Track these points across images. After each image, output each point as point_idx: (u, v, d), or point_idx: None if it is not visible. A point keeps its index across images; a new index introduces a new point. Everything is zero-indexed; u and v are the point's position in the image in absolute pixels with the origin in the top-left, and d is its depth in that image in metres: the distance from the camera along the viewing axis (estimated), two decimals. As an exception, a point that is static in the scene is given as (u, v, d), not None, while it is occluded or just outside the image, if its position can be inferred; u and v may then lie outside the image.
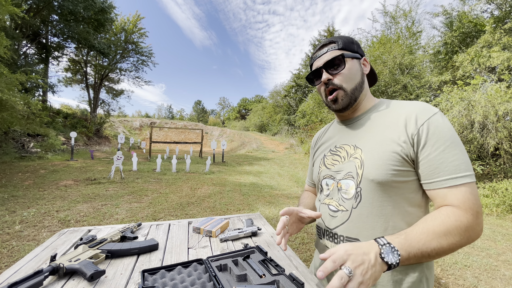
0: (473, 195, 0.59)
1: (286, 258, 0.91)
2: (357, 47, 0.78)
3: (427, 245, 0.55)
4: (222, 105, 73.48)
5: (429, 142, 0.62)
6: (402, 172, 0.65)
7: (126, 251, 0.91)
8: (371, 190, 0.68)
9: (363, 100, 0.78)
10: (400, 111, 0.70)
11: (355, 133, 0.77)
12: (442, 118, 0.64)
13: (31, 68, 11.45)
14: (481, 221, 0.59)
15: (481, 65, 7.41)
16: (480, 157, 6.26)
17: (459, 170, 0.59)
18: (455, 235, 0.56)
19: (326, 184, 0.80)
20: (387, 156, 0.66)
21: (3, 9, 6.53)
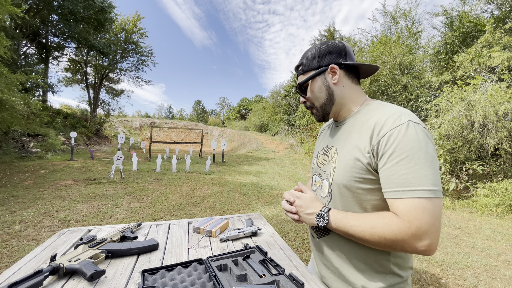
0: (417, 210, 0.58)
1: (286, 258, 0.91)
2: (321, 59, 0.79)
3: (353, 228, 0.66)
4: (222, 105, 73.50)
5: (386, 153, 0.63)
6: (367, 179, 0.68)
7: (126, 251, 0.90)
8: (340, 193, 0.74)
9: (345, 105, 0.81)
10: (374, 119, 0.70)
11: (340, 135, 0.81)
12: (406, 129, 0.62)
13: (31, 68, 11.45)
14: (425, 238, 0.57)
15: (481, 65, 7.40)
16: (480, 157, 6.26)
17: (409, 183, 0.59)
18: (380, 234, 0.62)
19: (315, 180, 0.90)
20: (352, 164, 0.70)
21: (3, 9, 6.52)
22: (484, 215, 4.74)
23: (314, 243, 0.89)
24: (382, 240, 0.62)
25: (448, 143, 6.11)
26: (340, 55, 0.79)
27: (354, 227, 0.66)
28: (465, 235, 3.72)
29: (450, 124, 6.02)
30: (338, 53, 0.79)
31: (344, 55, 0.79)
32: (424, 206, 0.58)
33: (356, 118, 0.78)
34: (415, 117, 0.66)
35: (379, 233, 0.62)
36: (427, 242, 0.58)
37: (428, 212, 0.58)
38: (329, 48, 0.79)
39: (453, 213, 4.91)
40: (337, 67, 0.78)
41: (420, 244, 0.58)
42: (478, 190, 5.45)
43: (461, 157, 6.08)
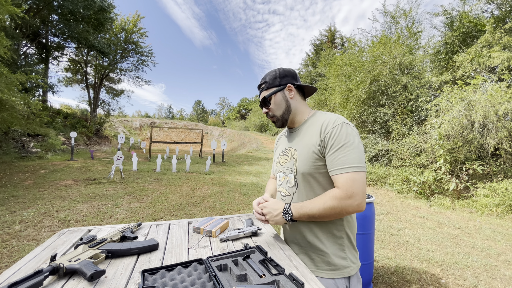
0: (351, 181, 0.85)
1: (286, 258, 0.91)
2: (281, 79, 1.04)
3: (311, 210, 0.89)
4: (222, 105, 73.50)
5: (329, 144, 0.91)
6: (320, 166, 0.94)
7: (126, 251, 0.90)
8: (303, 179, 0.98)
9: (297, 116, 1.07)
10: (319, 123, 0.97)
11: (295, 138, 1.06)
12: (341, 128, 0.90)
13: (31, 68, 11.44)
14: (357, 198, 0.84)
15: (481, 65, 7.40)
16: (480, 157, 6.26)
17: (344, 163, 0.87)
18: (329, 205, 0.86)
19: (279, 176, 1.11)
20: (309, 156, 0.95)
21: (3, 9, 6.53)
22: (484, 215, 4.73)
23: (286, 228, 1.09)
24: (332, 210, 0.86)
25: (448, 143, 6.11)
26: (293, 78, 1.06)
27: (312, 209, 0.89)
28: (465, 235, 3.72)
29: (450, 124, 6.02)
30: (292, 77, 1.06)
31: (296, 78, 1.07)
32: (354, 177, 0.85)
33: (307, 124, 1.04)
34: (346, 120, 0.95)
35: (328, 204, 0.86)
36: (358, 201, 0.85)
37: (356, 181, 0.85)
38: (285, 72, 1.06)
39: (453, 213, 4.91)
40: (293, 86, 1.05)
41: (353, 201, 0.84)
42: (478, 190, 5.45)
43: (461, 157, 6.08)
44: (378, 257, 2.88)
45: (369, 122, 9.68)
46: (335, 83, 11.32)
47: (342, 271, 0.95)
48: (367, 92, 9.35)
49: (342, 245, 0.97)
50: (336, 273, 0.94)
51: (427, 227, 3.99)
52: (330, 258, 0.95)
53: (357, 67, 9.85)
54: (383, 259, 2.83)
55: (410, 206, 5.32)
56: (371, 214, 2.21)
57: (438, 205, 5.38)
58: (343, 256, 0.96)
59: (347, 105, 10.34)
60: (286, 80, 1.04)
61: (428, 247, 3.19)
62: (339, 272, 0.94)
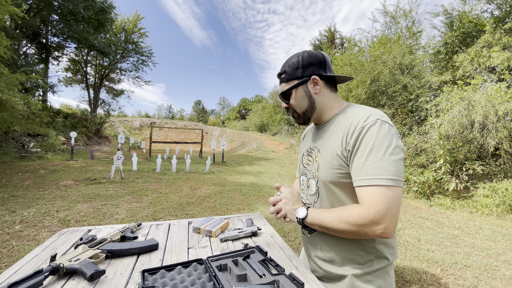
0: (378, 197, 0.65)
1: (286, 258, 0.91)
2: (304, 69, 0.85)
3: (325, 220, 0.75)
4: (222, 105, 73.49)
5: (355, 148, 0.72)
6: (344, 174, 0.77)
7: (126, 251, 0.90)
8: (325, 188, 0.82)
9: (325, 112, 0.89)
10: (348, 119, 0.79)
11: (321, 137, 0.89)
12: (373, 127, 0.71)
13: (31, 68, 11.44)
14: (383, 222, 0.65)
15: (481, 65, 7.40)
16: (480, 157, 6.25)
17: (371, 174, 0.67)
18: (345, 222, 0.70)
19: (302, 180, 0.97)
20: (332, 161, 0.79)
21: (3, 9, 6.52)
22: (484, 215, 4.73)
23: (305, 240, 0.95)
24: (347, 227, 0.70)
25: (448, 143, 6.11)
26: (321, 67, 0.86)
27: (325, 218, 0.75)
28: (465, 235, 3.72)
29: (450, 124, 6.02)
30: (319, 65, 0.85)
31: (324, 66, 0.86)
32: (382, 193, 0.65)
33: (335, 121, 0.86)
34: (384, 116, 0.74)
35: (344, 220, 0.70)
36: (384, 226, 0.65)
37: (386, 199, 0.65)
38: (311, 59, 0.85)
39: (453, 213, 4.91)
40: (319, 78, 0.85)
41: (377, 227, 0.66)
42: (478, 190, 5.45)
43: (461, 157, 6.08)
44: (378, 257, 2.88)
45: (369, 122, 9.66)
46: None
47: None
48: (367, 92, 9.35)
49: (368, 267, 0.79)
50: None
51: (427, 227, 3.99)
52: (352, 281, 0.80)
53: (357, 67, 9.85)
54: (383, 259, 2.83)
55: (410, 206, 5.32)
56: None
57: (438, 205, 5.38)
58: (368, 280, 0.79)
59: (347, 105, 10.32)
60: (311, 70, 0.85)
61: (428, 247, 3.19)
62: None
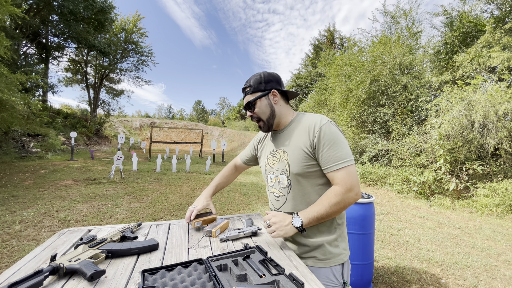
0: (347, 174, 0.92)
1: (286, 258, 0.91)
2: (266, 84, 1.05)
3: (318, 211, 0.93)
4: (222, 105, 73.49)
5: (321, 143, 0.95)
6: (311, 165, 0.99)
7: (126, 251, 0.90)
8: (296, 180, 1.02)
9: (281, 119, 1.09)
10: (306, 123, 1.02)
11: (283, 140, 1.09)
12: (329, 126, 0.96)
13: (31, 68, 11.44)
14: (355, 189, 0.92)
15: (481, 65, 7.40)
16: (480, 157, 6.25)
17: (339, 159, 0.93)
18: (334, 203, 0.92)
19: (270, 178, 1.13)
20: (301, 157, 0.99)
21: (3, 9, 6.53)
22: (484, 215, 4.74)
23: None
24: (337, 206, 0.92)
25: (448, 143, 6.11)
26: (278, 83, 1.08)
27: (319, 211, 0.93)
28: (465, 235, 3.72)
29: (450, 124, 6.02)
30: (276, 82, 1.08)
31: (280, 83, 1.09)
32: (349, 171, 0.92)
33: (292, 126, 1.08)
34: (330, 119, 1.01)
35: (333, 201, 0.92)
36: (356, 191, 0.93)
37: (351, 174, 0.93)
38: (270, 76, 1.07)
39: (453, 213, 4.91)
40: (277, 91, 1.06)
41: (352, 194, 0.92)
42: (478, 190, 5.45)
43: (461, 157, 6.08)
44: (378, 257, 2.88)
45: (369, 122, 9.69)
46: (335, 83, 11.32)
47: (336, 259, 1.02)
48: (367, 92, 9.35)
49: (334, 234, 1.03)
50: (331, 261, 1.01)
51: (427, 227, 3.99)
52: (325, 248, 1.01)
53: (357, 67, 9.86)
54: (383, 259, 2.83)
55: (410, 206, 5.32)
56: (371, 214, 2.21)
57: (438, 205, 5.38)
58: (336, 245, 1.03)
59: (347, 105, 10.35)
60: (271, 85, 1.06)
61: (428, 247, 3.19)
62: (334, 260, 1.02)
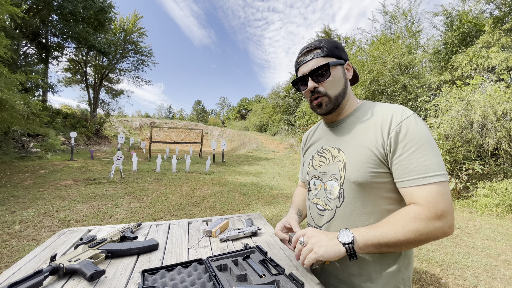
0: (440, 195, 0.61)
1: (286, 258, 0.91)
2: (341, 51, 0.79)
3: (384, 234, 0.62)
4: (222, 105, 73.52)
5: (400, 144, 0.66)
6: (379, 173, 0.70)
7: (126, 251, 0.90)
8: (353, 191, 0.73)
9: (346, 104, 0.82)
10: (378, 115, 0.74)
11: (339, 136, 0.81)
12: (415, 121, 0.68)
13: (31, 68, 11.44)
14: (447, 219, 0.61)
15: (479, 66, 7.41)
16: (479, 157, 6.26)
17: (428, 170, 0.63)
18: (411, 224, 0.61)
19: (314, 184, 0.86)
20: (366, 159, 0.71)
21: (3, 9, 6.52)
22: (484, 215, 4.74)
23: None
24: (417, 234, 0.61)
25: (448, 143, 6.11)
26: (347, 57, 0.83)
27: (385, 233, 0.62)
28: (465, 235, 3.73)
29: (449, 124, 6.02)
30: (347, 55, 0.82)
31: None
32: (443, 190, 0.62)
33: (354, 117, 0.80)
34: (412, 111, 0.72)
35: (412, 228, 0.61)
36: (450, 222, 0.61)
37: (446, 195, 0.62)
38: (342, 47, 0.81)
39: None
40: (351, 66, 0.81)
41: (443, 224, 0.61)
42: (478, 190, 5.45)
43: (461, 157, 6.08)
44: (378, 257, 2.88)
45: (369, 122, 9.68)
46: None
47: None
48: (367, 92, 9.35)
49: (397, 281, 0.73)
50: None
51: (427, 227, 4.00)
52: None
53: (356, 67, 9.87)
54: (383, 259, 2.83)
55: (410, 206, 5.32)
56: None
57: (437, 205, 5.38)
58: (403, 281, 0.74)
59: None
60: (345, 56, 0.81)
61: (428, 247, 3.20)
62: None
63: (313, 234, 0.68)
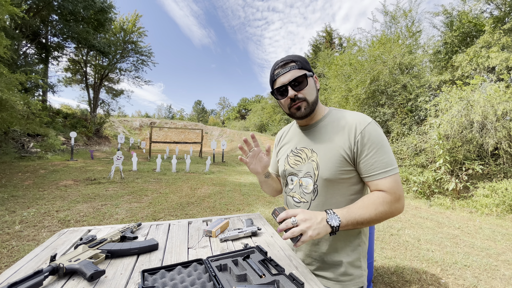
0: (397, 183, 0.81)
1: (286, 258, 0.91)
2: (309, 66, 0.94)
3: (362, 215, 0.78)
4: (222, 105, 73.53)
5: (365, 146, 0.83)
6: (346, 171, 0.86)
7: (126, 251, 0.90)
8: (325, 186, 0.88)
9: (317, 110, 0.95)
10: (344, 121, 0.89)
11: (311, 138, 0.95)
12: (374, 127, 0.85)
13: (31, 68, 11.44)
14: (402, 201, 0.82)
15: (480, 65, 7.41)
16: (479, 157, 6.26)
17: (387, 165, 0.81)
18: (381, 209, 0.79)
19: (291, 180, 1.00)
20: (336, 160, 0.86)
21: (3, 9, 6.52)
22: (484, 215, 4.74)
23: None
24: (384, 214, 0.80)
25: (447, 143, 6.11)
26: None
27: (363, 215, 0.78)
28: (465, 235, 3.73)
29: (449, 124, 6.03)
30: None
31: None
32: (397, 179, 0.82)
33: (324, 122, 0.94)
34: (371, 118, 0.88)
35: (380, 210, 0.79)
36: (403, 203, 0.83)
37: (400, 183, 0.82)
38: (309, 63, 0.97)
39: (453, 213, 4.92)
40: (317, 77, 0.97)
41: (400, 205, 0.82)
42: (478, 190, 5.45)
43: (461, 157, 6.09)
44: (378, 257, 2.88)
45: (369, 122, 9.68)
46: (335, 83, 11.33)
47: (357, 281, 0.91)
48: (367, 92, 9.36)
49: (358, 253, 0.92)
50: (351, 283, 0.90)
51: (427, 227, 4.00)
52: (346, 268, 0.90)
53: (356, 67, 9.87)
54: (383, 259, 2.83)
55: (410, 206, 5.32)
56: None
57: (438, 205, 5.38)
58: (358, 265, 0.92)
59: (346, 105, 10.36)
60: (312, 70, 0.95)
61: (428, 247, 3.20)
62: (354, 282, 0.90)
63: (306, 218, 0.75)
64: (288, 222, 0.75)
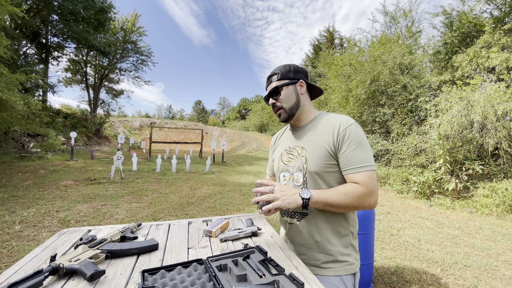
0: (370, 178, 0.89)
1: (286, 258, 0.91)
2: (294, 73, 1.05)
3: (331, 197, 0.89)
4: (222, 105, 73.55)
5: (345, 144, 0.93)
6: (331, 165, 0.96)
7: (126, 251, 0.90)
8: (313, 178, 0.99)
9: (302, 113, 1.08)
10: (330, 122, 1.00)
11: (302, 137, 1.07)
12: (355, 127, 0.95)
13: (31, 68, 11.44)
14: (375, 196, 0.90)
15: (480, 66, 7.41)
16: (479, 157, 6.26)
17: (363, 162, 0.90)
18: (350, 197, 0.88)
19: (284, 176, 1.10)
20: (322, 155, 0.97)
21: (3, 9, 6.52)
22: (484, 215, 4.74)
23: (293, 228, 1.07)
24: (353, 204, 0.89)
25: (448, 143, 6.11)
26: (305, 76, 1.08)
27: (332, 196, 0.89)
28: (465, 235, 3.73)
29: (450, 124, 6.02)
30: (304, 74, 1.08)
31: (307, 77, 1.09)
32: (372, 176, 0.90)
33: (313, 123, 1.06)
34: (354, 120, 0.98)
35: (350, 196, 0.88)
36: (375, 199, 0.90)
37: (374, 179, 0.90)
38: (299, 68, 1.07)
39: (453, 213, 4.92)
40: (304, 83, 1.06)
41: (372, 200, 0.90)
42: (478, 190, 5.45)
43: (461, 157, 6.09)
44: (378, 257, 2.88)
45: (369, 122, 9.69)
46: (335, 83, 11.33)
47: (348, 268, 0.98)
48: (367, 92, 9.35)
49: (347, 242, 1.00)
50: (342, 270, 0.97)
51: (427, 227, 4.00)
52: (336, 255, 0.98)
53: (357, 67, 9.86)
54: (383, 259, 2.83)
55: (410, 206, 5.32)
56: (371, 214, 2.21)
57: (438, 205, 5.38)
58: (347, 253, 0.99)
59: (347, 105, 10.36)
60: (299, 76, 1.05)
61: (428, 247, 3.20)
62: (345, 269, 0.97)
63: (281, 189, 0.91)
64: (266, 188, 0.91)
